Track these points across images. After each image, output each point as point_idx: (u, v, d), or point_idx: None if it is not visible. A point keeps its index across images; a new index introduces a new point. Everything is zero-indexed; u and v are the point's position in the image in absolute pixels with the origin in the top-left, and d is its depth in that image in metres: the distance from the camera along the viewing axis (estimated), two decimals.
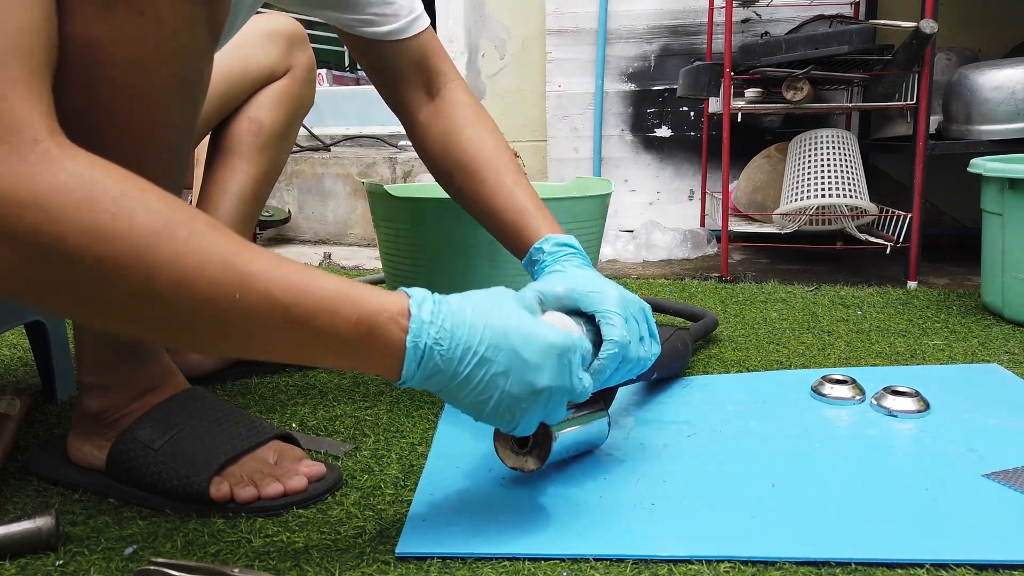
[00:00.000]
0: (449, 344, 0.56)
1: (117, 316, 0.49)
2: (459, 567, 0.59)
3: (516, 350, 0.58)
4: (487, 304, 0.59)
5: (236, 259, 0.50)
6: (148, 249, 0.47)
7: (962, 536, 0.62)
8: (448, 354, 0.56)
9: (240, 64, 0.98)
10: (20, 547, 0.61)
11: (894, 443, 0.81)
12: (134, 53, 0.55)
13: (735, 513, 0.66)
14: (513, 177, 0.83)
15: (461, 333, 0.56)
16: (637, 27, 2.27)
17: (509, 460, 0.69)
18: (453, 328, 0.56)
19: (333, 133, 2.60)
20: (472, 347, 0.56)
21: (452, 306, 0.57)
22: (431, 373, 0.56)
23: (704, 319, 1.18)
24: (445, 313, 0.56)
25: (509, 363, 0.58)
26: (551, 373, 0.59)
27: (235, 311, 0.49)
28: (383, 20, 0.82)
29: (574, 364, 0.62)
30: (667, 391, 0.97)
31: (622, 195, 2.32)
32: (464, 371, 0.57)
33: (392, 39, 0.83)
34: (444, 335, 0.56)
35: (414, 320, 0.55)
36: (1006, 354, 1.12)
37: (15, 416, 0.82)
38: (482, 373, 0.57)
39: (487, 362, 0.57)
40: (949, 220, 2.21)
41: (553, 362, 0.59)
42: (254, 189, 1.01)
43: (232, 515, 0.67)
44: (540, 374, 0.59)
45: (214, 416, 0.73)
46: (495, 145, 0.86)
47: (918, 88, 1.61)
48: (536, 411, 0.61)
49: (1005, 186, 1.27)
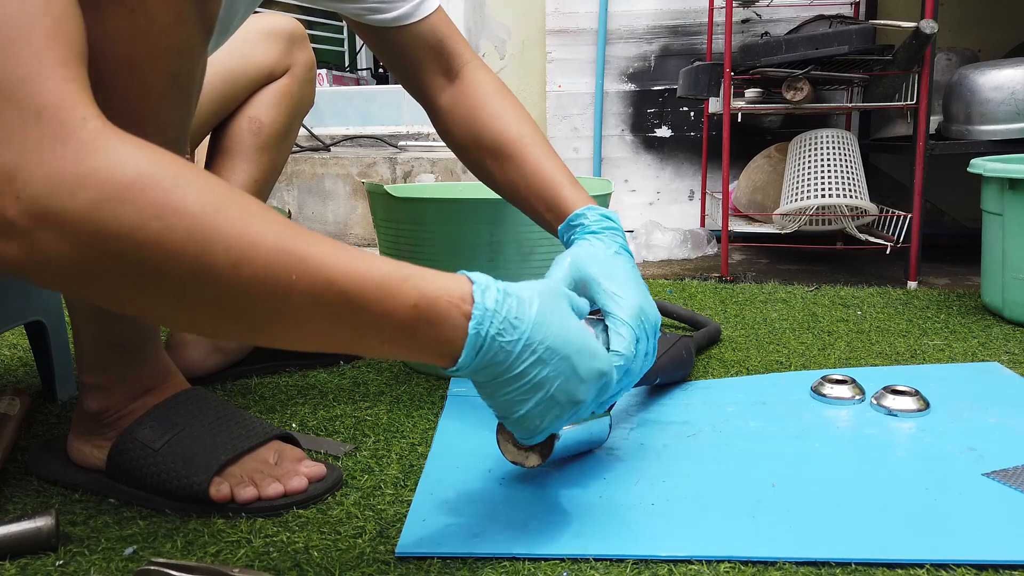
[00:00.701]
0: (511, 336, 0.54)
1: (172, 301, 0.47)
2: (459, 567, 0.59)
3: (571, 359, 0.58)
4: (550, 305, 0.58)
5: (292, 240, 0.48)
6: (204, 227, 0.45)
7: (962, 536, 0.62)
8: (509, 346, 0.54)
9: (240, 63, 0.98)
10: (20, 547, 0.61)
11: (894, 442, 0.81)
12: (127, 51, 0.55)
13: (735, 513, 0.66)
14: (542, 151, 0.82)
15: (525, 328, 0.55)
16: (637, 27, 2.27)
17: (510, 454, 0.69)
18: (517, 321, 0.55)
19: (333, 133, 2.60)
20: (533, 345, 0.55)
21: (518, 298, 0.55)
22: (487, 363, 0.54)
23: (708, 328, 1.18)
24: (510, 305, 0.55)
25: (561, 370, 0.57)
26: (592, 392, 0.61)
27: (293, 293, 0.47)
28: (389, 6, 0.81)
29: (607, 388, 0.63)
30: (668, 393, 0.97)
31: (622, 195, 2.32)
32: (519, 367, 0.55)
33: (401, 24, 0.82)
34: (507, 327, 0.54)
35: (477, 307, 0.53)
36: (1006, 354, 1.12)
37: (15, 416, 0.82)
38: (535, 372, 0.56)
39: (543, 363, 0.56)
40: (949, 220, 2.21)
41: (596, 382, 0.61)
42: (254, 189, 1.01)
43: (232, 515, 0.67)
44: (584, 389, 0.60)
45: (214, 416, 0.73)
46: (519, 121, 0.84)
47: (918, 88, 1.61)
48: (563, 421, 0.61)
49: (1005, 186, 1.27)
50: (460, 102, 0.86)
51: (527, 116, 0.86)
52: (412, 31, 0.83)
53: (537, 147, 0.83)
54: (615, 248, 0.74)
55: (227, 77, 0.97)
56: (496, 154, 0.84)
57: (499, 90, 0.87)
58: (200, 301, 0.47)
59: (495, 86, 0.87)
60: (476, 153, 0.86)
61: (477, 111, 0.85)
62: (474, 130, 0.85)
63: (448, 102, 0.87)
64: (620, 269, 0.72)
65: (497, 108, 0.85)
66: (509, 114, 0.85)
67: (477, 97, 0.86)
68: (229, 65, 0.96)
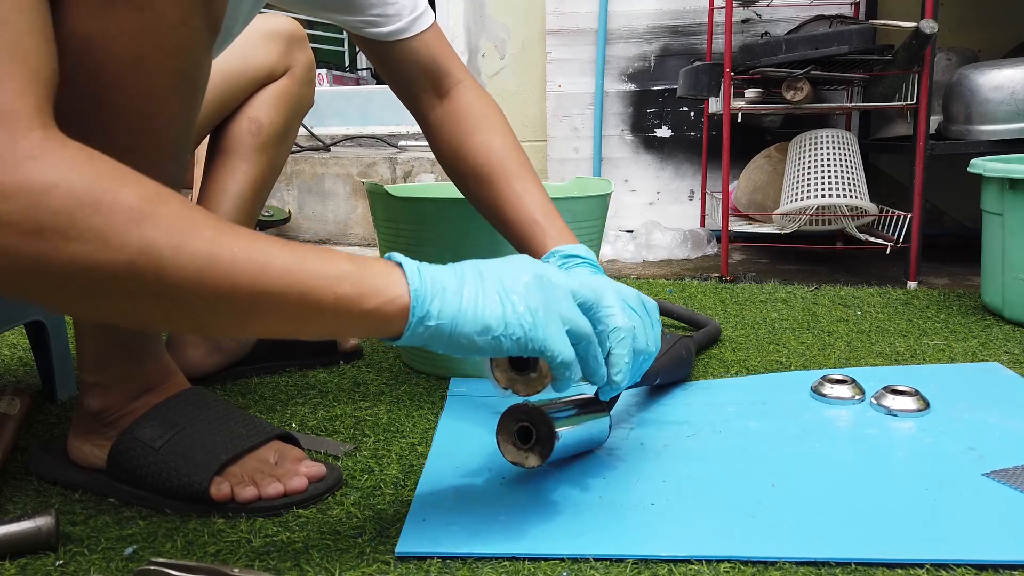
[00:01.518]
0: (437, 271, 0.57)
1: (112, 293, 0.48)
2: (459, 567, 0.59)
3: (498, 262, 0.60)
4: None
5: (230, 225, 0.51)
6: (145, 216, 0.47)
7: (962, 536, 0.62)
8: (440, 273, 0.56)
9: (239, 64, 0.98)
10: (20, 547, 0.61)
11: (894, 442, 0.81)
12: (134, 49, 0.55)
13: (735, 513, 0.66)
14: (522, 184, 0.83)
15: (443, 267, 0.58)
16: (637, 27, 2.27)
17: (510, 455, 0.69)
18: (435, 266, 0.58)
19: (333, 133, 2.60)
20: (460, 267, 0.58)
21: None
22: (434, 289, 0.55)
23: (708, 328, 1.18)
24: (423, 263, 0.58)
25: (497, 265, 0.59)
26: (531, 264, 0.60)
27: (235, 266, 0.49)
28: (385, 20, 0.83)
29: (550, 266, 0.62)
30: (667, 393, 0.97)
31: (622, 195, 2.32)
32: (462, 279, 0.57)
33: (396, 39, 0.84)
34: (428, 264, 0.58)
35: (396, 255, 0.57)
36: (1006, 354, 1.12)
37: (15, 416, 0.82)
38: (476, 274, 0.58)
39: (477, 267, 0.58)
40: (949, 220, 2.21)
41: (528, 261, 0.61)
42: (254, 189, 1.01)
43: (232, 515, 0.67)
44: (531, 265, 0.60)
45: (214, 416, 0.73)
46: (503, 146, 0.85)
47: (918, 88, 1.61)
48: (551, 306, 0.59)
49: (1005, 186, 1.27)
50: (448, 121, 0.88)
51: (513, 141, 0.87)
52: (406, 46, 0.85)
53: (517, 177, 0.83)
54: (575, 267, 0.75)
55: (227, 77, 0.97)
56: (478, 178, 0.85)
57: (487, 113, 0.88)
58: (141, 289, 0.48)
59: (483, 108, 0.88)
60: (460, 173, 0.87)
61: (463, 133, 0.86)
62: (460, 151, 0.86)
63: (437, 119, 0.88)
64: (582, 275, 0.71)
65: (483, 132, 0.86)
66: (495, 139, 0.86)
67: (464, 118, 0.87)
68: (229, 65, 0.97)
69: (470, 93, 0.88)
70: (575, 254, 0.77)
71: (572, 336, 0.60)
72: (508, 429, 0.68)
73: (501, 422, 0.68)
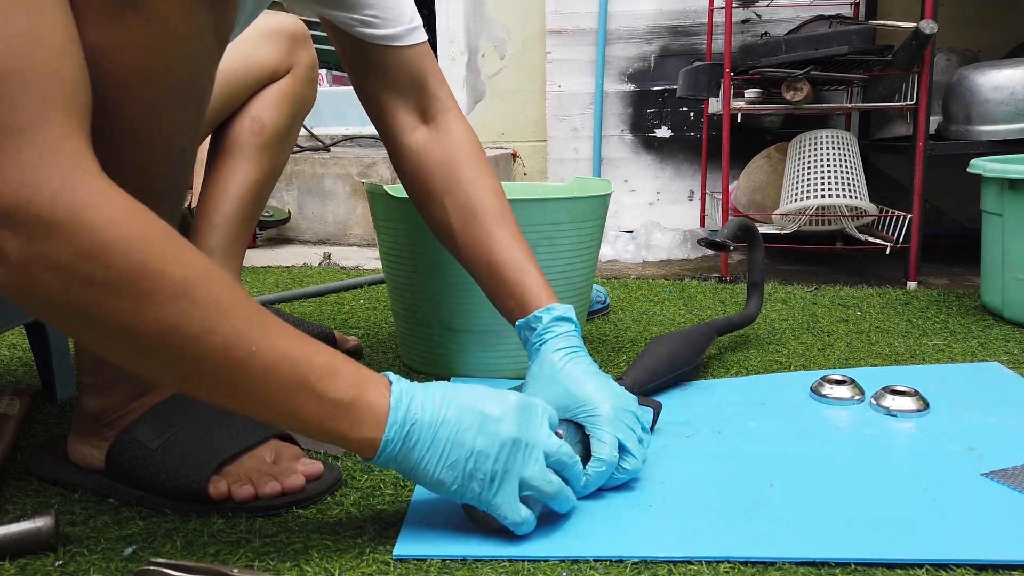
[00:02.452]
0: (423, 402, 0.59)
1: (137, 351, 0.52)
2: (458, 567, 0.59)
3: (477, 407, 0.60)
4: (456, 386, 0.63)
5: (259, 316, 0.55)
6: (187, 293, 0.51)
7: (961, 536, 0.62)
8: (422, 411, 0.59)
9: (242, 63, 0.98)
10: (20, 547, 0.61)
11: (893, 443, 0.81)
12: (143, 61, 0.55)
13: (734, 513, 0.66)
14: (513, 230, 0.83)
15: (431, 397, 0.60)
16: (637, 27, 2.27)
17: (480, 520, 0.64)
18: (425, 397, 0.60)
19: (333, 133, 2.60)
20: (441, 411, 0.59)
21: (424, 384, 0.61)
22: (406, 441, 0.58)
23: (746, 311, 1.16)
24: (417, 387, 0.61)
25: (473, 419, 0.60)
26: (514, 422, 0.60)
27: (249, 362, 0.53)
28: (381, 23, 0.81)
29: (536, 416, 0.63)
30: (667, 393, 0.97)
31: (622, 195, 2.32)
32: (435, 432, 0.59)
33: (388, 44, 0.82)
34: (419, 396, 0.60)
35: (395, 389, 0.59)
36: (1006, 354, 1.12)
37: (15, 416, 0.82)
38: (450, 432, 0.59)
39: (454, 421, 0.59)
40: (949, 221, 2.21)
41: (514, 413, 0.61)
42: (255, 189, 1.01)
43: (231, 515, 0.67)
44: (503, 424, 0.60)
45: (212, 415, 0.73)
46: (496, 191, 0.84)
47: (918, 88, 1.61)
48: (511, 475, 0.60)
49: (1005, 187, 1.27)
50: (435, 150, 0.85)
51: (499, 184, 0.86)
52: (398, 54, 0.83)
53: (508, 224, 0.83)
54: (567, 352, 0.75)
55: (229, 76, 0.97)
56: (464, 213, 0.83)
57: (476, 151, 0.87)
58: (165, 356, 0.52)
59: (474, 144, 0.87)
60: (438, 203, 0.85)
61: (452, 166, 0.85)
62: (446, 183, 0.84)
63: (419, 144, 0.86)
64: (577, 380, 0.73)
65: (474, 169, 0.85)
66: (484, 180, 0.84)
67: (455, 151, 0.85)
68: (231, 65, 0.96)
69: (460, 124, 0.87)
70: (566, 317, 0.77)
71: (533, 493, 0.62)
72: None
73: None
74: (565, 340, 0.76)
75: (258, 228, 2.23)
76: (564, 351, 0.75)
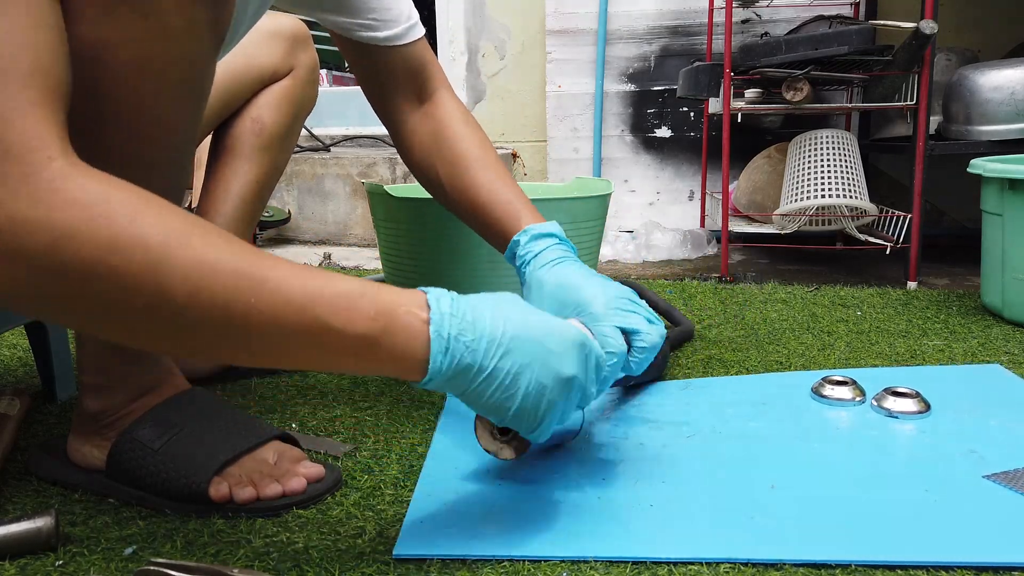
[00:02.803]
0: (473, 335, 0.55)
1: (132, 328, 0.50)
2: (458, 568, 0.59)
3: (539, 340, 0.57)
4: (503, 300, 0.59)
5: (251, 265, 0.50)
6: (162, 259, 0.47)
7: (962, 538, 0.62)
8: (473, 345, 0.55)
9: (243, 64, 0.98)
10: (20, 547, 0.61)
11: (894, 444, 0.81)
12: (139, 56, 0.55)
13: (735, 514, 0.66)
14: (496, 172, 0.84)
15: (483, 325, 0.55)
16: (637, 27, 2.27)
17: (485, 441, 0.68)
18: (475, 320, 0.55)
19: (333, 133, 2.60)
20: (496, 338, 0.55)
21: (470, 301, 0.57)
22: (457, 370, 0.55)
23: (682, 326, 1.19)
24: (464, 307, 0.56)
25: (534, 353, 0.57)
26: (575, 363, 0.60)
27: (252, 314, 0.49)
28: (382, 25, 0.83)
29: (592, 358, 0.62)
30: (666, 392, 0.97)
31: (622, 195, 2.32)
32: (490, 364, 0.55)
33: (389, 44, 0.84)
34: (467, 326, 0.55)
35: (434, 312, 0.54)
36: (1006, 355, 1.12)
37: (15, 416, 0.82)
38: (509, 364, 0.56)
39: (512, 352, 0.56)
40: (949, 221, 2.21)
41: (576, 351, 0.60)
42: (256, 189, 1.01)
43: (232, 516, 0.67)
44: (565, 362, 0.59)
45: (214, 416, 0.73)
46: (481, 143, 0.87)
47: (918, 89, 1.61)
48: (560, 407, 0.60)
49: (1005, 187, 1.27)
50: (427, 121, 0.88)
51: (488, 141, 0.88)
52: (397, 52, 0.86)
53: (493, 168, 0.84)
54: (552, 261, 0.76)
55: (230, 77, 0.97)
56: (452, 167, 0.85)
57: (465, 117, 0.89)
58: (160, 327, 0.49)
59: (462, 111, 0.90)
60: (432, 168, 0.87)
61: (440, 130, 0.87)
62: (435, 146, 0.87)
63: (416, 122, 0.89)
64: (565, 282, 0.73)
65: (460, 128, 0.87)
66: (471, 136, 0.87)
67: (444, 118, 0.88)
68: (232, 65, 0.96)
69: (451, 98, 0.90)
70: (547, 232, 0.78)
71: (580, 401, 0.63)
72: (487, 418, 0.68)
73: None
74: (548, 254, 0.77)
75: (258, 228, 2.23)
76: (548, 265, 0.76)
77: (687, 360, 1.11)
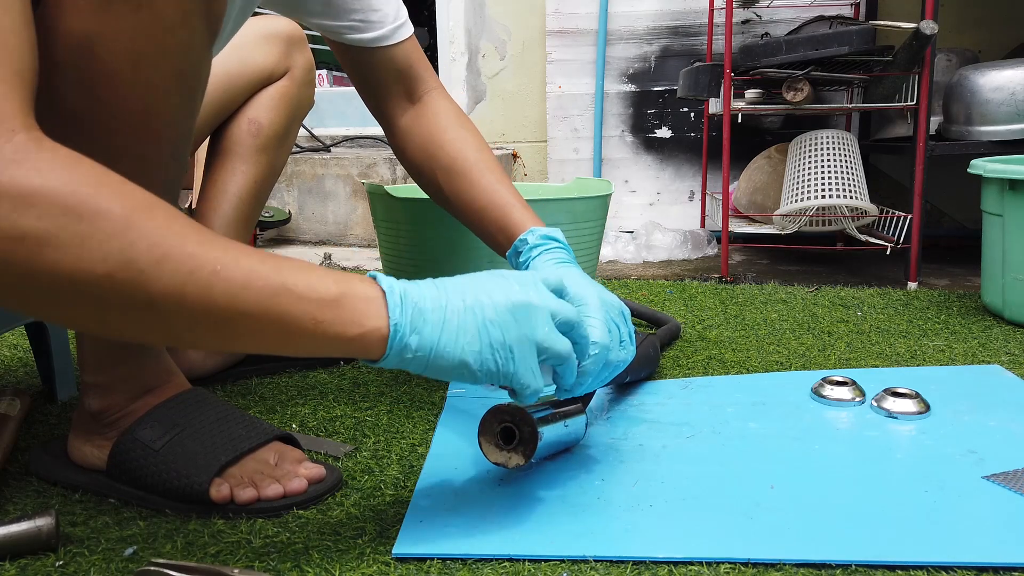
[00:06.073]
0: (420, 288, 0.57)
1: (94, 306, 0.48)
2: (459, 568, 0.59)
3: (476, 282, 0.60)
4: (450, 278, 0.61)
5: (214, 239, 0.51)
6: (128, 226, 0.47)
7: (962, 538, 0.62)
8: (423, 291, 0.57)
9: (239, 65, 0.99)
10: (20, 547, 0.61)
11: (894, 445, 0.81)
12: (132, 48, 0.55)
13: (734, 514, 0.66)
14: (496, 175, 0.85)
15: (426, 283, 0.59)
16: (637, 28, 2.27)
17: (493, 455, 0.68)
18: (418, 283, 0.58)
19: (333, 133, 2.60)
20: (444, 290, 0.58)
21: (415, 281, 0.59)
22: (414, 322, 0.55)
23: (669, 325, 1.19)
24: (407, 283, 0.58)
25: (477, 292, 0.58)
26: (519, 286, 0.60)
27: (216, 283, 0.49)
28: (368, 27, 0.83)
29: (536, 282, 0.62)
30: (666, 392, 0.97)
31: (622, 196, 2.32)
32: (443, 309, 0.57)
33: (376, 45, 0.85)
34: (412, 286, 0.58)
35: (380, 279, 0.57)
36: (1006, 355, 1.12)
37: (15, 416, 0.82)
38: (459, 305, 0.57)
39: (458, 295, 0.58)
40: (949, 221, 2.21)
41: (514, 281, 0.61)
42: (253, 190, 1.01)
43: (232, 516, 0.67)
44: (513, 288, 0.60)
45: (215, 417, 0.73)
46: (477, 146, 0.87)
47: (918, 89, 1.61)
48: (526, 340, 0.59)
49: (1005, 187, 1.27)
50: (420, 123, 0.89)
51: (483, 141, 0.89)
52: (386, 53, 0.86)
53: (490, 171, 0.85)
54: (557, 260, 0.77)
55: (226, 79, 0.97)
56: (451, 171, 0.86)
57: (459, 116, 0.90)
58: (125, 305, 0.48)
59: (456, 112, 0.90)
60: (431, 168, 0.88)
61: (438, 130, 0.88)
62: (432, 146, 0.87)
63: (408, 123, 0.90)
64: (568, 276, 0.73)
65: (455, 132, 0.88)
66: (466, 138, 0.87)
67: (438, 120, 0.88)
68: (228, 67, 0.97)
69: (443, 98, 0.90)
70: (552, 236, 0.79)
71: (550, 358, 0.62)
72: (491, 431, 0.68)
73: (483, 424, 0.68)
74: (551, 255, 0.77)
75: (259, 229, 2.23)
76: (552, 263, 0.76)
77: (687, 360, 1.11)
